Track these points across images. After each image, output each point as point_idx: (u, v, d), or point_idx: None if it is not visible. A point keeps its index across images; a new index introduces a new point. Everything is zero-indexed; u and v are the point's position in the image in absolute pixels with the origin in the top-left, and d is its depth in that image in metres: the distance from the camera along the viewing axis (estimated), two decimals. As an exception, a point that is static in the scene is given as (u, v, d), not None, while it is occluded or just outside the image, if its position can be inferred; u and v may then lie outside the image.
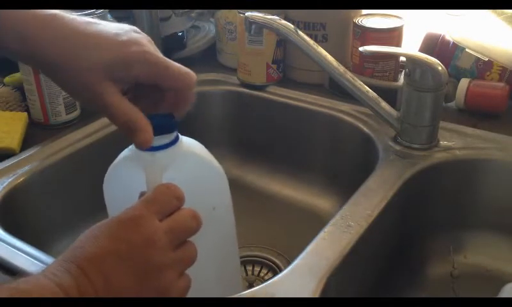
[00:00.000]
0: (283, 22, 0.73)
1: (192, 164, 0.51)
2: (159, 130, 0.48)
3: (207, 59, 1.03)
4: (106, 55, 0.47)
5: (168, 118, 0.50)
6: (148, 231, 0.43)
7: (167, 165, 0.48)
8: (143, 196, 0.46)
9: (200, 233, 0.47)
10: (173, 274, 0.44)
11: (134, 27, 0.51)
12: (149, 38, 0.51)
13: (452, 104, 0.84)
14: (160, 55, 0.50)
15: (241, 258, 0.82)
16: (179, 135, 0.50)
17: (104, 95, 0.48)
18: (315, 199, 0.90)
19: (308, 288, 0.52)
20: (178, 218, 0.46)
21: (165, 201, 0.46)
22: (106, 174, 0.53)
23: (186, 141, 0.51)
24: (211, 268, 0.54)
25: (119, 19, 0.88)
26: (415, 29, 0.92)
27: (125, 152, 0.51)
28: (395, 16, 0.86)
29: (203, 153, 0.52)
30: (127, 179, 0.51)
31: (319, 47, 0.72)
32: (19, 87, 0.85)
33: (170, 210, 0.46)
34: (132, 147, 0.50)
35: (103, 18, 0.82)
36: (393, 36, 0.84)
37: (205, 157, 0.52)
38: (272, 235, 0.85)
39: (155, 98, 0.51)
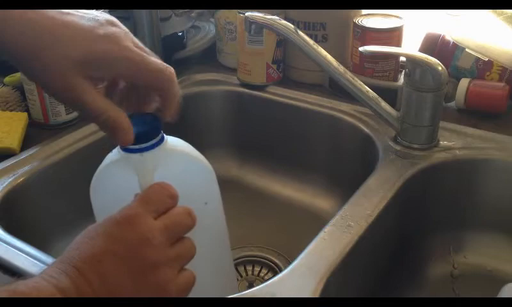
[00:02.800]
0: (283, 22, 0.73)
1: (180, 161, 0.51)
2: (146, 136, 0.48)
3: (207, 59, 1.03)
4: (79, 51, 0.44)
5: (152, 121, 0.49)
6: (143, 230, 0.43)
7: (157, 164, 0.48)
8: (137, 196, 0.46)
9: (194, 229, 0.47)
10: (170, 271, 0.44)
11: (112, 19, 0.48)
12: (126, 30, 0.48)
13: (452, 104, 0.84)
14: (137, 50, 0.46)
15: (241, 258, 0.82)
16: (163, 134, 0.51)
17: (78, 92, 0.45)
18: (315, 199, 0.90)
19: (308, 288, 0.52)
20: (173, 215, 0.46)
21: (159, 200, 0.46)
22: (93, 180, 0.52)
23: (171, 140, 0.51)
24: (207, 263, 0.54)
25: (119, 19, 0.87)
26: (415, 29, 0.92)
27: (112, 156, 0.51)
28: (395, 16, 0.86)
29: (189, 150, 0.53)
30: (117, 182, 0.50)
31: (319, 47, 0.72)
32: (19, 87, 0.85)
33: (165, 208, 0.46)
34: (117, 150, 0.50)
35: (103, 18, 0.82)
36: (393, 36, 0.84)
37: (192, 154, 0.53)
38: (272, 235, 0.86)
39: (138, 97, 0.50)
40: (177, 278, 0.45)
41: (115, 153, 0.50)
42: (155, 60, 0.47)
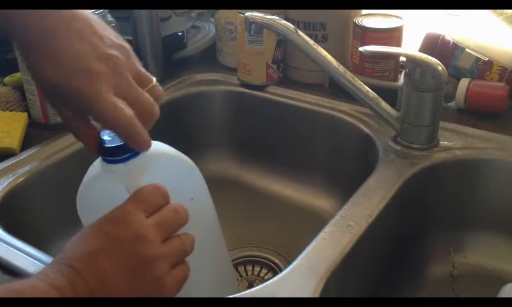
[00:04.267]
0: (283, 22, 0.73)
1: (164, 163, 0.52)
2: (127, 146, 0.48)
3: (207, 59, 1.03)
4: (54, 78, 0.44)
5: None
6: (136, 227, 0.44)
7: (142, 170, 0.49)
8: (130, 196, 0.47)
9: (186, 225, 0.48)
10: (164, 266, 0.45)
11: (122, 49, 0.47)
12: (126, 60, 0.47)
13: (452, 104, 0.84)
14: (102, 99, 0.44)
15: (241, 258, 0.82)
16: None
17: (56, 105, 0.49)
18: (315, 199, 0.90)
19: (308, 288, 0.52)
20: (163, 214, 0.47)
21: (151, 199, 0.47)
22: (79, 195, 0.52)
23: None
24: (200, 256, 0.54)
25: (119, 19, 0.88)
26: (415, 29, 0.92)
27: (94, 170, 0.51)
28: (395, 16, 0.86)
29: (170, 151, 0.53)
30: (104, 194, 0.51)
31: (319, 47, 0.72)
32: (19, 87, 0.85)
33: (157, 208, 0.47)
34: (99, 163, 0.50)
35: (103, 18, 0.82)
36: (393, 36, 0.84)
37: (173, 154, 0.53)
38: (272, 235, 0.85)
39: None
40: (170, 274, 0.46)
41: (97, 166, 0.51)
42: (113, 110, 0.44)
